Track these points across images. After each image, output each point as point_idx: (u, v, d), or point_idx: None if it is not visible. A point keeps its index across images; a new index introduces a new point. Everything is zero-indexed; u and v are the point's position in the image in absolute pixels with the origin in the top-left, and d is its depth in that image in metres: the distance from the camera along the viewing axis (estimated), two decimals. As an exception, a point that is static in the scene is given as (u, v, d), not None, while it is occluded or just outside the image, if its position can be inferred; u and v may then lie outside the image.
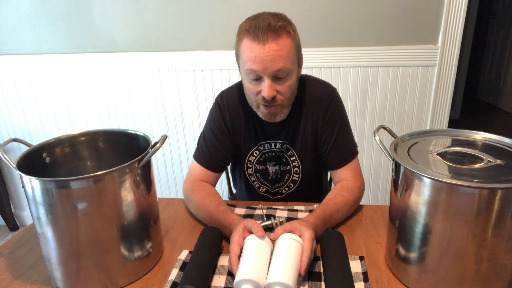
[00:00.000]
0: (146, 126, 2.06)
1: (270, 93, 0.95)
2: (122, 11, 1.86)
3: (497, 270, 0.68)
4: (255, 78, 0.96)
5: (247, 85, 1.00)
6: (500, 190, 0.63)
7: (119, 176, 0.75)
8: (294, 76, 1.00)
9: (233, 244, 0.82)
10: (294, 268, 0.75)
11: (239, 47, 0.98)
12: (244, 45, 0.94)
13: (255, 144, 1.15)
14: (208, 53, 1.86)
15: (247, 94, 1.04)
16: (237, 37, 0.98)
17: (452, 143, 0.82)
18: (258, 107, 1.03)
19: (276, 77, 0.96)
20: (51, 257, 0.78)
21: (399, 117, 1.86)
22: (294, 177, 1.18)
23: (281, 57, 0.92)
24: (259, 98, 0.99)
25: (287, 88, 0.98)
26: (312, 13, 1.74)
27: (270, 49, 0.91)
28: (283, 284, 0.72)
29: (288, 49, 0.94)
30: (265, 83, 0.95)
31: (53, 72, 2.01)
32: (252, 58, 0.93)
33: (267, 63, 0.92)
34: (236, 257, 0.79)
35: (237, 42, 0.98)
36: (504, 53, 3.94)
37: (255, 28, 0.92)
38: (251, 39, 0.92)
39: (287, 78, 0.97)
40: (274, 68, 0.93)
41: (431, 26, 1.70)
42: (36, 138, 2.19)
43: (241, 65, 0.99)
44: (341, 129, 1.10)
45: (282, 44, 0.92)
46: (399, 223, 0.77)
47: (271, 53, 0.91)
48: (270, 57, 0.92)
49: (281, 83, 0.97)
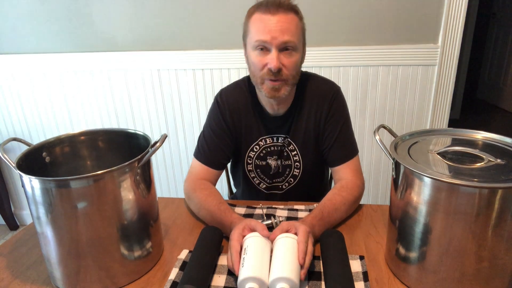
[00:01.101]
0: (146, 125, 2.06)
1: (277, 64, 0.97)
2: (122, 10, 1.86)
3: (497, 270, 0.68)
4: (263, 48, 0.99)
5: (254, 59, 1.02)
6: (500, 190, 0.63)
7: (119, 175, 0.75)
8: (299, 55, 1.03)
9: (233, 241, 0.82)
10: (293, 263, 0.75)
11: (247, 24, 1.02)
12: (255, 18, 0.99)
13: (256, 139, 1.16)
14: (208, 52, 1.86)
15: (253, 71, 1.05)
16: (246, 17, 1.03)
17: (452, 143, 0.82)
18: (262, 83, 1.03)
19: (284, 49, 0.98)
20: (51, 257, 0.78)
21: (399, 117, 1.86)
22: (294, 171, 1.18)
23: (289, 30, 0.97)
24: (265, 72, 1.01)
25: (292, 64, 1.01)
26: (312, 12, 1.73)
27: (279, 20, 0.96)
28: (284, 278, 0.72)
29: (296, 24, 0.99)
30: (272, 54, 0.98)
31: (53, 71, 2.01)
32: (262, 28, 0.97)
33: (276, 33, 0.96)
34: (237, 254, 0.79)
35: (246, 20, 1.02)
36: (504, 53, 3.94)
37: (267, 3, 0.97)
38: (262, 11, 0.97)
39: (293, 54, 1.00)
40: (282, 39, 0.96)
41: (431, 26, 1.70)
42: (36, 138, 2.18)
43: (249, 40, 1.02)
44: (344, 127, 1.11)
45: (291, 18, 0.98)
46: (399, 222, 0.77)
47: (280, 23, 0.96)
48: (279, 28, 0.96)
49: (287, 56, 0.99)
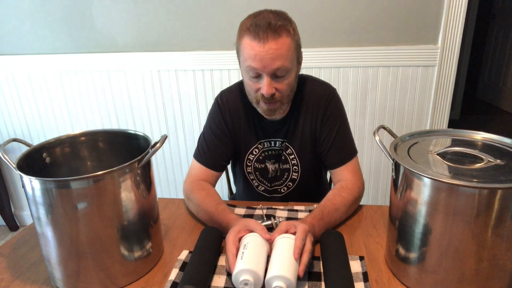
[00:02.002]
0: (146, 126, 2.06)
1: (269, 91, 0.97)
2: (122, 11, 1.86)
3: (497, 270, 0.68)
4: (254, 75, 0.98)
5: (247, 82, 1.02)
6: (500, 190, 0.63)
7: (119, 176, 0.75)
8: (293, 74, 1.01)
9: (229, 244, 0.82)
10: (291, 262, 0.75)
11: (239, 44, 0.99)
12: (245, 42, 0.96)
13: (255, 142, 1.15)
14: (208, 53, 1.86)
15: (247, 91, 1.06)
16: (238, 34, 1.00)
17: (452, 143, 0.82)
18: (258, 103, 1.05)
19: (275, 75, 0.97)
20: (51, 257, 0.78)
21: (399, 117, 1.86)
22: (293, 175, 1.18)
23: (280, 56, 0.94)
24: (259, 95, 1.01)
25: (285, 86, 1.00)
26: (312, 13, 1.74)
27: (269, 48, 0.92)
28: (281, 276, 0.72)
29: (287, 48, 0.95)
30: (264, 81, 0.97)
31: (53, 72, 2.01)
32: (252, 56, 0.94)
33: (266, 62, 0.94)
34: (234, 257, 0.79)
35: (238, 39, 1.00)
36: (504, 53, 3.94)
37: (256, 27, 0.93)
38: (251, 37, 0.94)
39: (286, 76, 0.99)
40: (273, 67, 0.94)
41: (431, 26, 1.70)
42: (36, 138, 2.19)
43: (241, 62, 1.01)
44: (340, 129, 1.11)
45: (281, 43, 0.94)
46: (399, 223, 0.77)
47: (270, 51, 0.93)
48: (270, 56, 0.93)
49: (280, 81, 0.98)
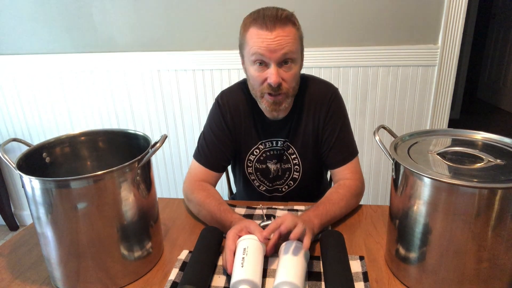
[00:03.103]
0: (146, 126, 2.06)
1: (276, 79, 0.97)
2: (122, 11, 1.86)
3: (497, 270, 0.68)
4: (261, 65, 0.98)
5: (253, 74, 1.01)
6: (500, 190, 0.63)
7: (119, 176, 0.75)
8: (298, 66, 1.02)
9: (228, 240, 0.82)
10: (298, 268, 0.76)
11: (244, 37, 0.99)
12: (251, 32, 0.97)
13: (256, 142, 1.15)
14: (208, 53, 1.86)
15: (252, 85, 1.04)
16: (242, 29, 1.00)
17: (452, 143, 0.82)
18: (262, 97, 1.03)
19: (282, 64, 0.98)
20: (51, 257, 0.78)
21: (399, 117, 1.86)
22: (294, 175, 1.18)
23: (287, 43, 0.95)
24: (264, 87, 1.00)
25: (291, 77, 1.00)
26: (312, 13, 1.74)
27: (277, 35, 0.94)
28: (289, 282, 0.72)
29: (294, 36, 0.97)
30: (271, 69, 0.97)
31: (53, 72, 2.01)
32: (259, 44, 0.95)
33: (274, 48, 0.95)
34: (231, 254, 0.80)
35: (243, 32, 1.00)
36: (504, 53, 3.94)
37: (263, 17, 0.95)
38: (258, 26, 0.95)
39: (292, 66, 0.99)
40: (281, 53, 0.95)
41: (431, 26, 1.70)
42: (36, 138, 2.18)
43: (246, 54, 1.01)
44: (342, 128, 1.11)
45: (288, 31, 0.96)
46: (399, 223, 0.77)
47: (278, 38, 0.94)
48: (277, 42, 0.94)
49: (286, 71, 0.99)
